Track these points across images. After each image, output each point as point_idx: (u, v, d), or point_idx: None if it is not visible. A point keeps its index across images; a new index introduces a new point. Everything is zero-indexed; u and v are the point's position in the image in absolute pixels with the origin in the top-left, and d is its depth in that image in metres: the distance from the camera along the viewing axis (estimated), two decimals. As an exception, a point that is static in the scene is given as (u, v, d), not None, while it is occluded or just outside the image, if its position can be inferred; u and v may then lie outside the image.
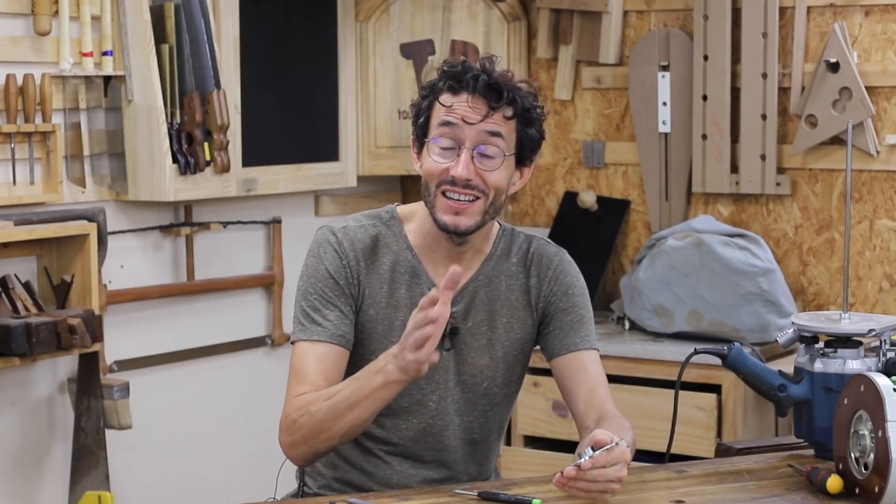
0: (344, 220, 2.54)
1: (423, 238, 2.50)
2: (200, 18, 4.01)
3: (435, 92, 2.44)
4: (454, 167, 2.40)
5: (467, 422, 2.51)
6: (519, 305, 2.53)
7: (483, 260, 2.53)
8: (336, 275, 2.46)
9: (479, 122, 2.40)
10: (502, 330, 2.52)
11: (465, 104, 2.40)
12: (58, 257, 3.74)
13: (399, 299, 2.47)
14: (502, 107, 2.40)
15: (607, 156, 4.71)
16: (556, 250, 2.59)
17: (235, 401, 4.36)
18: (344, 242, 2.48)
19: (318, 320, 2.44)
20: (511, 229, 2.60)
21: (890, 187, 4.25)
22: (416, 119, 2.47)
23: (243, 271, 4.40)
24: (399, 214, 2.54)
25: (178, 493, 4.22)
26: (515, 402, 2.64)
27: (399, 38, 4.68)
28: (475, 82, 2.39)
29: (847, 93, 4.19)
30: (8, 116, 3.63)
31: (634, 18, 4.63)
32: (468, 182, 2.39)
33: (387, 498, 2.23)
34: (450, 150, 2.41)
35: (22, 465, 3.79)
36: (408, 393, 2.45)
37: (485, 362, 2.51)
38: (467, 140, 2.40)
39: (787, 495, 2.26)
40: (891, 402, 2.14)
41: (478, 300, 2.51)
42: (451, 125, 2.40)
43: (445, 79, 2.42)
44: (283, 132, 4.40)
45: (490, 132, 2.41)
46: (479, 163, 2.40)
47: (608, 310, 4.60)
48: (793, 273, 4.40)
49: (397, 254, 2.50)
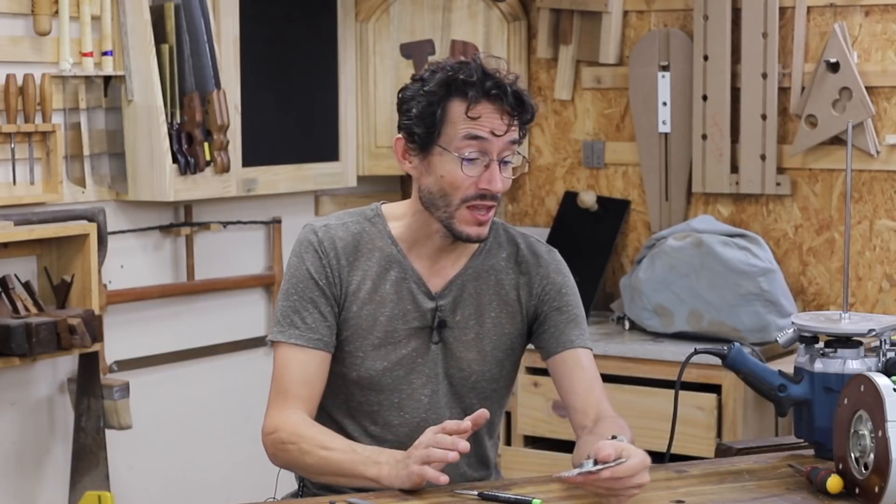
0: (326, 219, 2.54)
1: (412, 234, 2.50)
2: (200, 18, 4.01)
3: (447, 98, 2.39)
4: (485, 180, 2.38)
5: (456, 415, 2.51)
6: (508, 301, 2.53)
7: (472, 254, 2.53)
8: (317, 275, 2.46)
9: (505, 133, 2.39)
10: (490, 324, 2.52)
11: (495, 116, 2.37)
12: (58, 257, 3.74)
13: (384, 295, 2.48)
14: (522, 115, 2.40)
15: (607, 156, 4.71)
16: (548, 249, 2.59)
17: (235, 401, 4.36)
18: (325, 241, 2.48)
19: (296, 322, 2.45)
20: (501, 225, 2.58)
21: (890, 187, 4.25)
22: (420, 122, 2.41)
23: (243, 271, 4.40)
24: (384, 212, 2.54)
25: (178, 493, 4.22)
26: (508, 399, 2.63)
27: (399, 38, 4.68)
28: (502, 93, 2.37)
29: (847, 93, 4.19)
30: (8, 116, 3.63)
31: (634, 18, 4.63)
32: (496, 195, 2.40)
33: (387, 498, 2.23)
34: (475, 161, 2.39)
35: (22, 465, 3.79)
36: (398, 388, 2.47)
37: (473, 356, 2.51)
38: (495, 152, 2.39)
39: (787, 495, 2.26)
40: (891, 402, 2.14)
41: (466, 294, 2.51)
42: (480, 139, 2.38)
43: (464, 87, 2.37)
44: (283, 132, 4.40)
45: (512, 141, 2.41)
46: (502, 172, 2.40)
47: (608, 310, 4.60)
48: (793, 273, 4.40)
49: (382, 250, 2.49)
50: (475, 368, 2.51)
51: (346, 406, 2.51)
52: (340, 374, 2.49)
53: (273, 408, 2.45)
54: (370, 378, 2.48)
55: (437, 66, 2.42)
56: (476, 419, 2.23)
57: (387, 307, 2.47)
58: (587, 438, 2.39)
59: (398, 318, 2.47)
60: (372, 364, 2.47)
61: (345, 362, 2.47)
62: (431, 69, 2.43)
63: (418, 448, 2.21)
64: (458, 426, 2.20)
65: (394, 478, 2.24)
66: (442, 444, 2.19)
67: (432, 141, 2.41)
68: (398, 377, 2.48)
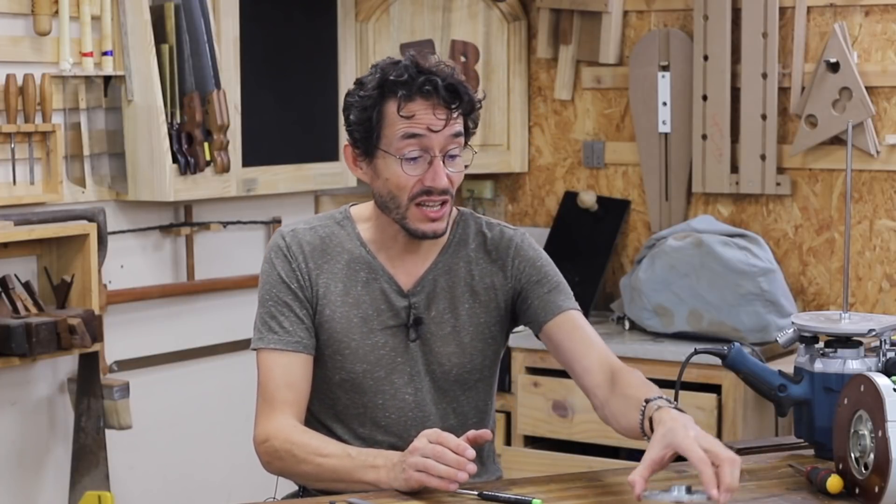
0: (295, 223, 2.54)
1: (379, 234, 2.50)
2: (200, 18, 4.01)
3: (381, 101, 2.38)
4: (429, 178, 2.38)
5: (441, 409, 2.51)
6: (482, 291, 2.52)
7: (440, 249, 2.52)
8: (288, 279, 2.46)
9: (443, 128, 2.38)
10: (466, 316, 2.51)
11: (428, 112, 2.37)
12: (58, 257, 3.74)
13: (356, 296, 2.47)
14: (460, 106, 2.39)
15: (607, 156, 4.71)
16: (514, 231, 2.57)
17: (235, 401, 4.35)
18: (292, 246, 2.48)
19: (273, 328, 2.45)
20: (469, 214, 2.57)
21: (890, 187, 4.25)
22: (359, 127, 2.41)
23: (243, 271, 4.40)
24: (353, 215, 2.54)
25: (178, 493, 4.22)
26: (495, 388, 2.61)
27: (399, 38, 4.68)
28: (433, 88, 2.36)
29: (847, 93, 4.19)
30: (8, 116, 3.63)
31: (634, 18, 4.63)
32: (444, 190, 2.39)
33: (386, 498, 2.23)
34: (417, 159, 2.39)
35: (22, 465, 3.79)
36: (380, 390, 2.47)
37: (452, 349, 2.50)
38: (437, 148, 2.38)
39: (787, 495, 2.26)
40: (891, 402, 2.14)
41: (438, 289, 2.50)
42: (418, 136, 2.37)
43: (394, 87, 2.37)
44: (283, 132, 4.40)
45: (454, 134, 2.39)
46: (448, 166, 2.40)
47: (608, 310, 4.60)
48: (793, 273, 4.40)
49: (351, 252, 2.49)
50: (455, 362, 2.51)
51: (333, 410, 2.51)
52: (324, 378, 2.49)
53: (262, 416, 2.44)
54: (352, 381, 2.48)
55: (374, 69, 2.42)
56: (475, 438, 2.21)
57: (360, 308, 2.47)
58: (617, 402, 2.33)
59: (373, 319, 2.47)
60: (352, 367, 2.47)
61: (326, 366, 2.47)
62: (371, 72, 2.42)
63: (414, 454, 2.19)
64: (456, 445, 2.17)
65: (392, 480, 2.23)
66: (444, 459, 2.16)
67: (374, 145, 2.41)
68: (379, 378, 2.48)
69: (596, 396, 2.42)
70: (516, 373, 4.33)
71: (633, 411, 2.25)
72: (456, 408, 2.54)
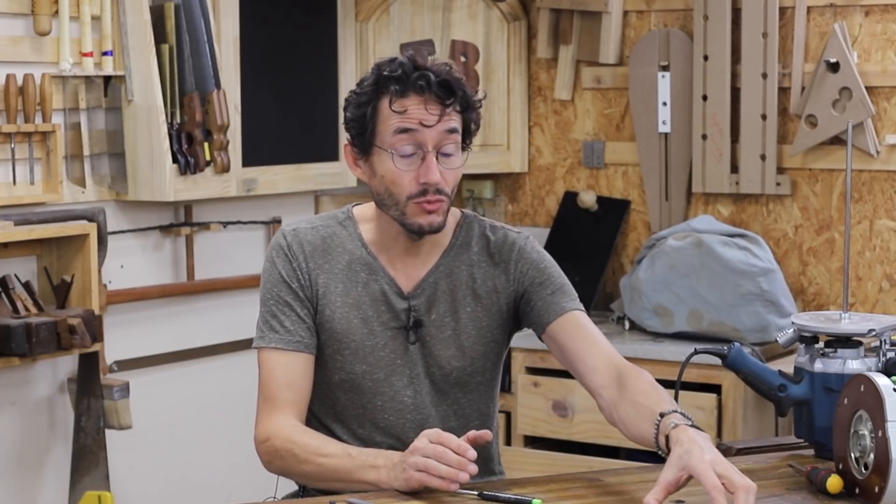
0: (297, 222, 2.54)
1: (380, 235, 2.50)
2: (200, 18, 4.01)
3: (376, 97, 2.40)
4: (423, 174, 2.38)
5: (442, 411, 2.51)
6: (483, 294, 2.52)
7: (442, 252, 2.52)
8: (288, 278, 2.47)
9: (437, 123, 2.38)
10: (467, 319, 2.51)
11: (420, 107, 2.37)
12: (58, 257, 3.74)
13: (356, 297, 2.47)
14: (454, 102, 2.39)
15: (607, 156, 4.72)
16: (517, 234, 2.57)
17: (235, 401, 4.35)
18: (293, 245, 2.49)
19: (275, 327, 2.45)
20: (473, 217, 2.57)
21: (890, 187, 4.25)
22: (355, 124, 2.42)
23: (243, 271, 4.40)
24: (355, 214, 2.54)
25: (178, 493, 4.22)
26: (497, 391, 2.60)
27: (399, 38, 4.68)
28: (426, 83, 2.37)
29: (847, 93, 4.19)
30: (8, 116, 3.63)
31: (634, 18, 4.63)
32: (439, 187, 2.39)
33: (386, 498, 2.23)
34: (411, 155, 2.39)
35: (22, 465, 3.79)
36: (379, 391, 2.47)
37: (452, 353, 2.50)
38: (430, 143, 2.38)
39: (787, 495, 2.26)
40: (891, 402, 2.14)
41: (439, 292, 2.50)
42: (410, 131, 2.38)
43: (388, 83, 2.38)
44: (283, 132, 4.40)
45: (448, 130, 2.39)
46: (442, 163, 2.40)
47: (608, 310, 4.60)
48: (793, 273, 4.40)
49: (352, 252, 2.49)
50: (455, 365, 2.50)
51: (333, 410, 2.51)
52: (325, 379, 2.49)
53: (263, 415, 2.44)
54: (351, 381, 2.47)
55: (374, 67, 2.43)
56: (476, 439, 2.21)
57: (360, 309, 2.47)
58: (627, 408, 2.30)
59: (373, 320, 2.47)
60: (351, 367, 2.47)
61: (326, 366, 2.47)
62: (371, 71, 2.44)
63: (415, 454, 2.19)
64: (457, 446, 2.17)
65: (392, 480, 2.23)
66: (445, 459, 2.16)
67: (369, 141, 2.42)
68: (378, 379, 2.47)
69: (602, 397, 2.40)
70: (516, 373, 4.33)
71: (645, 423, 2.23)
72: (457, 410, 2.53)
